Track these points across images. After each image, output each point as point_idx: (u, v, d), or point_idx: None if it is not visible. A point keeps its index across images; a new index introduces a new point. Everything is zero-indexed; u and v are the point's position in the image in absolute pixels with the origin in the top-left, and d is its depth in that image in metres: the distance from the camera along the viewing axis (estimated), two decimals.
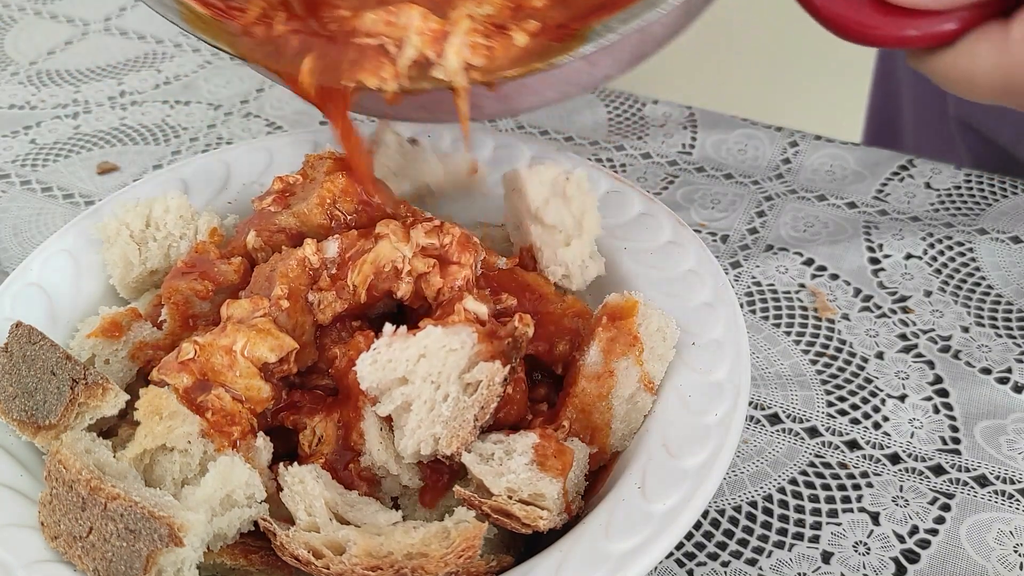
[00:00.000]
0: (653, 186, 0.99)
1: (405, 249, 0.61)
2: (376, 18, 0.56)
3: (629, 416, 0.60)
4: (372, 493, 0.59)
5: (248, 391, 0.58)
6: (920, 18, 0.57)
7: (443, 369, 0.55)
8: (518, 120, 1.09)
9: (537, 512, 0.53)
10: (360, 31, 0.56)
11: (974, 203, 0.95)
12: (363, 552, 0.51)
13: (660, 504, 0.53)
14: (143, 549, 0.50)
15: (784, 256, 0.89)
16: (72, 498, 0.52)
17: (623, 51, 0.55)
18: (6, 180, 1.02)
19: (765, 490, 0.70)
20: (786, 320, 0.83)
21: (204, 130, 1.09)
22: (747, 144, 1.04)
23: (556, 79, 0.55)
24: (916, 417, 0.74)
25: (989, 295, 0.85)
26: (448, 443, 0.55)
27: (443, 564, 0.50)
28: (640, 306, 0.62)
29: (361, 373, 0.56)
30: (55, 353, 0.58)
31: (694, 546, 0.66)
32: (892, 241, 0.90)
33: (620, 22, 0.51)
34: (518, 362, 0.58)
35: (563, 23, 0.54)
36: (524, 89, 0.56)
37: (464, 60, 0.54)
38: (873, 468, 0.71)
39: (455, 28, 0.54)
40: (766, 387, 0.77)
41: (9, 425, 0.57)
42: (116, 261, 0.69)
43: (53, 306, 0.68)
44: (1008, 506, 0.68)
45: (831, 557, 0.65)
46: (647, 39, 0.55)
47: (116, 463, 0.55)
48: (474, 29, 0.54)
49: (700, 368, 0.61)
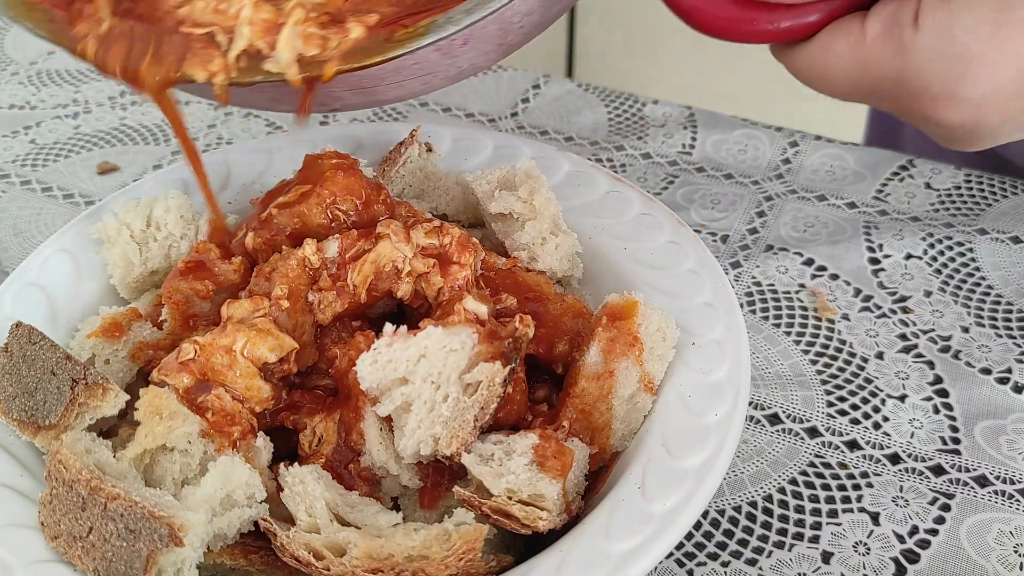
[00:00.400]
0: (653, 186, 0.99)
1: (406, 249, 0.61)
2: (205, 6, 0.53)
3: (629, 416, 0.60)
4: (372, 493, 0.59)
5: (248, 391, 0.58)
6: (781, 12, 0.56)
7: (443, 369, 0.55)
8: (518, 120, 1.10)
9: (537, 513, 0.53)
10: (189, 20, 0.54)
11: (974, 203, 0.95)
12: (364, 554, 0.51)
13: (660, 504, 0.53)
14: (143, 549, 0.50)
15: (784, 256, 0.89)
16: (72, 498, 0.52)
17: (485, 42, 0.53)
18: (6, 180, 1.02)
19: (765, 490, 0.70)
20: (786, 320, 0.83)
21: (204, 130, 1.09)
22: (747, 144, 1.04)
23: (415, 70, 0.53)
24: (916, 417, 0.74)
25: (989, 295, 0.85)
26: (448, 443, 0.55)
27: (444, 566, 0.50)
28: (640, 306, 0.62)
29: (361, 373, 0.56)
30: (55, 353, 0.58)
31: (694, 546, 0.66)
32: (892, 241, 0.90)
33: (464, 13, 0.49)
34: (518, 363, 0.58)
35: (403, 15, 0.51)
36: (381, 81, 0.54)
37: (297, 52, 0.52)
38: (873, 468, 0.71)
39: (288, 18, 0.52)
40: (766, 387, 0.77)
41: (9, 425, 0.57)
42: (117, 261, 0.69)
43: (53, 306, 0.68)
44: (1008, 506, 0.68)
45: (831, 557, 0.65)
46: (509, 29, 0.53)
47: (116, 463, 0.55)
48: (307, 19, 0.52)
49: (700, 368, 0.61)
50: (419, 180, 0.76)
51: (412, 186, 0.75)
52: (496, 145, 0.80)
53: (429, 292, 0.61)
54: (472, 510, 0.54)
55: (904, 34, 0.54)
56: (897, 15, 0.55)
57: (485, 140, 0.80)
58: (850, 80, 0.57)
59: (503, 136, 0.83)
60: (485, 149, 0.80)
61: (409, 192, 0.75)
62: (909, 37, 0.54)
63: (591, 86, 1.16)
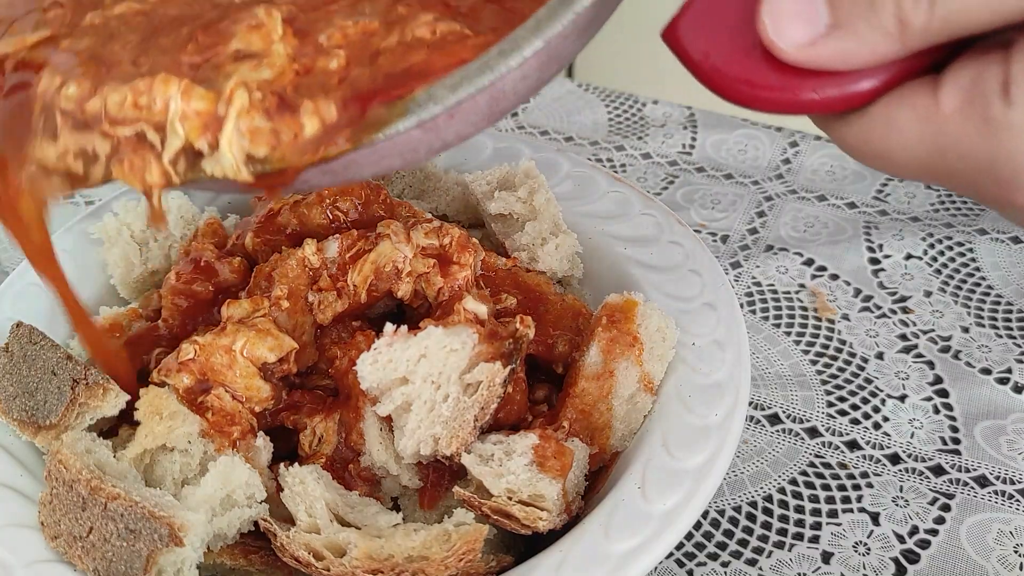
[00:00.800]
0: (653, 186, 0.99)
1: (406, 249, 0.61)
2: (121, 99, 0.43)
3: (629, 416, 0.60)
4: (372, 493, 0.59)
5: (248, 391, 0.58)
6: (827, 78, 0.44)
7: (443, 369, 0.55)
8: (518, 120, 1.10)
9: (537, 513, 0.53)
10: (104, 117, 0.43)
11: (974, 203, 0.95)
12: (363, 555, 0.51)
13: (660, 504, 0.53)
14: (143, 549, 0.50)
15: (784, 256, 0.89)
16: (72, 498, 0.52)
17: (474, 113, 0.44)
18: None
19: (765, 490, 0.70)
20: (786, 320, 0.83)
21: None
22: (747, 144, 1.04)
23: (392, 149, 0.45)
24: (916, 417, 0.74)
25: (989, 295, 0.85)
26: (448, 443, 0.55)
27: (443, 567, 0.50)
28: (640, 306, 0.62)
29: (361, 373, 0.56)
30: (56, 353, 0.58)
31: (694, 546, 0.66)
32: (892, 241, 0.90)
33: (449, 89, 0.41)
34: (518, 363, 0.58)
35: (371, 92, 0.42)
36: (354, 163, 0.45)
37: (244, 152, 0.42)
38: (873, 468, 0.71)
39: (229, 108, 0.42)
40: (766, 387, 0.77)
41: (9, 425, 0.57)
42: (117, 261, 0.69)
43: (53, 306, 0.68)
44: (1008, 506, 0.68)
45: (831, 557, 0.65)
46: (501, 97, 0.45)
47: (116, 463, 0.55)
48: (252, 107, 0.42)
49: (700, 368, 0.61)
50: (419, 180, 0.76)
51: (412, 186, 0.76)
52: (496, 145, 0.80)
53: (429, 292, 0.61)
54: (472, 510, 0.54)
55: (992, 109, 0.44)
56: (981, 84, 0.44)
57: (485, 140, 0.80)
58: (918, 160, 0.47)
59: (503, 136, 0.83)
60: (485, 149, 0.80)
61: (409, 192, 0.75)
62: (999, 112, 0.44)
63: (591, 86, 1.16)
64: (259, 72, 0.43)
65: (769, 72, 0.44)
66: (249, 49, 0.43)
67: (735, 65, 0.45)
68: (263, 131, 0.42)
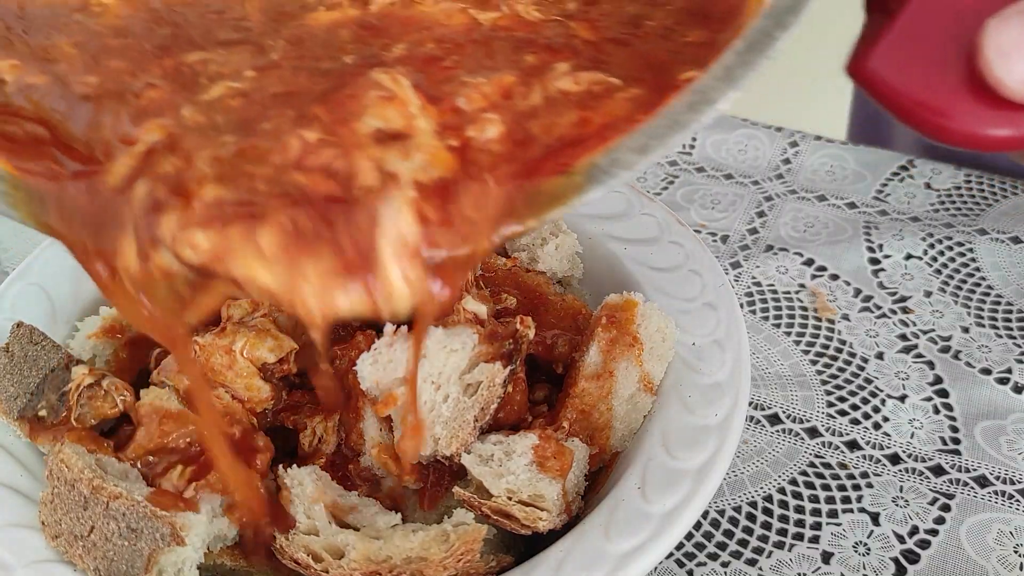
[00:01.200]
0: (653, 186, 0.99)
1: None
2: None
3: (629, 416, 0.60)
4: (372, 494, 0.59)
5: (248, 391, 0.58)
6: None
7: (443, 370, 0.55)
8: None
9: (536, 513, 0.53)
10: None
11: (974, 203, 0.95)
12: (362, 557, 0.51)
13: (660, 505, 0.53)
14: (144, 548, 0.50)
15: (784, 256, 0.89)
16: (74, 497, 0.52)
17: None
18: None
19: (765, 490, 0.70)
20: (786, 320, 0.83)
21: None
22: (747, 144, 1.04)
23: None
24: (916, 417, 0.74)
25: (989, 295, 0.85)
26: (448, 444, 0.55)
27: (442, 568, 0.50)
28: (640, 306, 0.62)
29: (361, 373, 0.56)
30: (57, 353, 0.58)
31: (694, 546, 0.66)
32: (892, 241, 0.90)
33: (637, 152, 0.34)
34: (518, 363, 0.58)
35: (538, 160, 0.35)
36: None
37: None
38: (873, 468, 0.71)
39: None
40: (766, 387, 0.77)
41: (10, 425, 0.58)
42: None
43: (54, 306, 0.68)
44: (1008, 506, 0.68)
45: (831, 557, 0.65)
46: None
47: (118, 463, 0.55)
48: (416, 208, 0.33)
49: (700, 368, 0.61)
50: None
51: None
52: None
53: None
54: (472, 510, 0.54)
55: None
56: None
57: None
58: None
59: None
60: None
61: None
62: None
63: None
64: (411, 160, 0.33)
65: (985, 109, 0.40)
66: (390, 127, 0.34)
67: (941, 100, 0.40)
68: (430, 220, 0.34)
